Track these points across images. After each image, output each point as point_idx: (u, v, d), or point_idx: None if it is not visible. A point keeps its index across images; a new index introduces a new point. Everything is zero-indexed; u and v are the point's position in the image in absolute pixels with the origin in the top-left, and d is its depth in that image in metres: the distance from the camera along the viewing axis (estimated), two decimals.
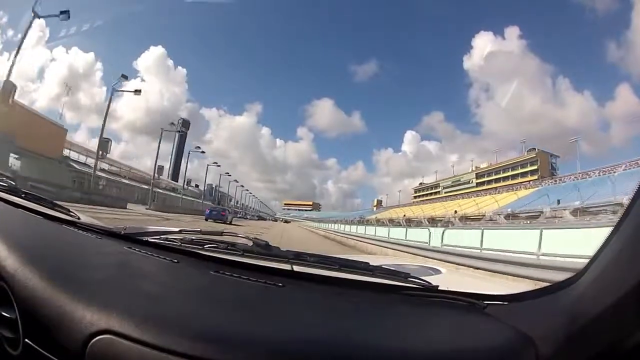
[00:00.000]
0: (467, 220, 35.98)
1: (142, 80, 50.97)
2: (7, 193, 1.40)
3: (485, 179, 51.77)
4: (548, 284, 0.74)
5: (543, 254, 5.83)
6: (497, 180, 50.01)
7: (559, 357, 0.58)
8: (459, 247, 8.19)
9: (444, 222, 35.84)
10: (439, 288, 0.84)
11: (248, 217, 53.20)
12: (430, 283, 0.87)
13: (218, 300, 0.74)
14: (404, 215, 44.09)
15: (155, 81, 53.32)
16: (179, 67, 55.90)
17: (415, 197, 64.51)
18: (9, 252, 0.79)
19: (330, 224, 31.70)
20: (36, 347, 0.64)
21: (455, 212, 38.43)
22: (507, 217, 32.10)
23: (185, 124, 55.44)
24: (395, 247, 10.10)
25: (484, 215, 34.64)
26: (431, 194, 60.50)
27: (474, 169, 54.45)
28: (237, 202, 59.01)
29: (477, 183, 52.19)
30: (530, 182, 45.00)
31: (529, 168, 47.02)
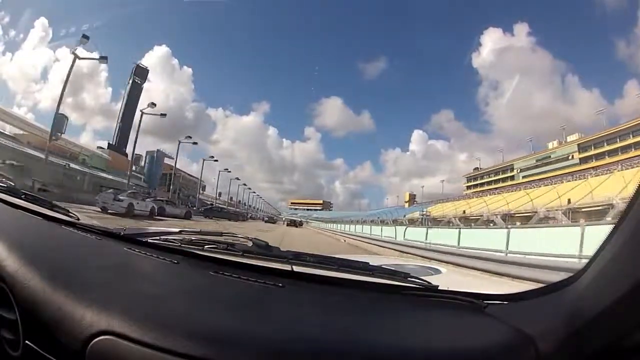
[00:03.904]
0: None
1: (147, 79, 41.43)
2: (6, 194, 1.40)
3: (593, 151, 36.39)
4: (548, 284, 0.74)
5: None
6: (610, 153, 34.65)
7: (559, 357, 0.58)
8: None
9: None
10: (439, 288, 0.83)
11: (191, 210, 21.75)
12: (430, 283, 0.87)
13: (218, 300, 0.74)
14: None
15: (160, 81, 44.79)
16: (185, 67, 47.53)
17: (468, 187, 47.80)
18: (9, 253, 0.79)
19: (362, 227, 21.70)
20: (36, 348, 0.64)
21: None
22: None
23: (141, 72, 35.72)
24: None
25: None
26: (497, 180, 44.15)
27: (564, 141, 38.86)
28: (219, 195, 38.69)
29: (580, 159, 36.77)
30: None
31: None
